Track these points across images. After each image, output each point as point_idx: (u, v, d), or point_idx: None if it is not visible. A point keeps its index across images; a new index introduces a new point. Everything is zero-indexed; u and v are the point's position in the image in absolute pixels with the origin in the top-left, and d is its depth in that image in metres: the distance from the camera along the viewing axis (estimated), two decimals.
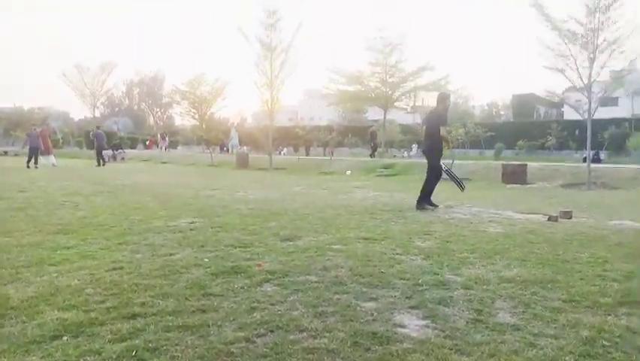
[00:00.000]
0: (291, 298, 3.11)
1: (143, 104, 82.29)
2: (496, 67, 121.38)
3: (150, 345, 2.34)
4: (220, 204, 8.02)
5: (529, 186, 12.97)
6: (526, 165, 14.41)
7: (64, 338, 2.43)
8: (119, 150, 27.81)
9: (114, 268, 3.77)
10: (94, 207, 7.30)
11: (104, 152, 22.37)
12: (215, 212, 6.99)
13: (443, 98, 8.24)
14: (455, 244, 4.92)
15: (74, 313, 2.76)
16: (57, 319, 2.65)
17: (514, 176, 13.62)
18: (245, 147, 37.15)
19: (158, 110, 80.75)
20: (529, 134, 32.93)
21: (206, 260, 4.07)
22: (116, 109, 75.90)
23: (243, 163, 23.09)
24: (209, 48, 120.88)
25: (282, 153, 33.92)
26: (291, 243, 4.88)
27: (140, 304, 2.94)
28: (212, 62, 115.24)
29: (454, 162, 9.82)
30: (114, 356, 2.22)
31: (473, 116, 53.67)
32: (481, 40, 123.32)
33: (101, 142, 22.24)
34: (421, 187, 8.06)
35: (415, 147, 36.29)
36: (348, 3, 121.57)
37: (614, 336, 2.54)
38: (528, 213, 7.29)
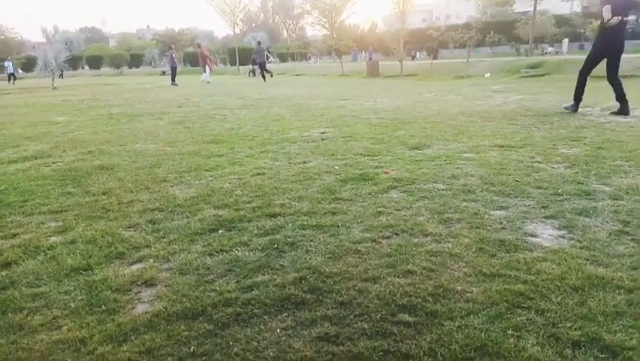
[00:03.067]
0: (417, 204, 3.17)
1: (277, 17, 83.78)
2: None
3: (289, 240, 2.65)
4: (350, 114, 8.15)
5: None
6: None
7: (220, 230, 2.86)
8: (256, 65, 29.22)
9: (257, 174, 4.20)
10: (239, 120, 8.00)
11: (246, 67, 23.73)
12: (345, 122, 7.16)
13: None
14: (608, 151, 4.38)
15: (227, 211, 3.21)
16: (214, 215, 3.12)
17: None
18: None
19: (290, 22, 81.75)
20: None
21: (336, 167, 4.29)
22: (253, 24, 78.65)
23: (373, 71, 22.69)
24: None
25: (414, 57, 32.34)
26: (419, 151, 4.84)
27: (279, 205, 3.28)
28: None
29: None
30: (259, 248, 2.57)
31: None
32: None
33: (262, 58, 22.96)
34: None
35: (565, 41, 31.47)
36: None
37: None
38: None
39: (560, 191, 3.28)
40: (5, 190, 3.89)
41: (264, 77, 22.13)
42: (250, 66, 28.01)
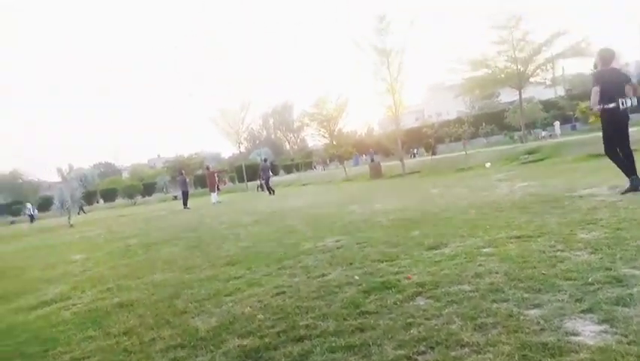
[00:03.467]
0: (446, 310, 3.07)
1: (278, 132, 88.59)
2: None
3: None
4: (361, 218, 8.24)
5: None
6: None
7: None
8: (264, 180, 30.22)
9: (277, 293, 4.13)
10: (252, 236, 8.08)
11: (253, 182, 24.86)
12: (358, 227, 7.21)
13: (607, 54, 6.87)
14: (628, 232, 4.32)
15: (251, 339, 3.11)
16: (238, 346, 3.02)
17: None
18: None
19: (291, 135, 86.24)
20: None
21: (356, 278, 4.23)
22: (257, 141, 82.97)
23: (376, 173, 23.34)
24: (329, 68, 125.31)
25: (414, 155, 33.45)
26: (437, 251, 4.80)
27: (304, 326, 3.19)
28: (333, 81, 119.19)
29: None
30: None
31: (629, 75, 46.19)
32: None
33: (267, 173, 24.15)
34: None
35: (557, 124, 32.65)
36: None
37: None
38: None
39: (590, 280, 3.19)
40: (26, 341, 3.83)
41: (269, 191, 22.96)
42: (258, 181, 29.03)
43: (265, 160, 26.59)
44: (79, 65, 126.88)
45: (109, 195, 50.49)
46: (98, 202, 51.46)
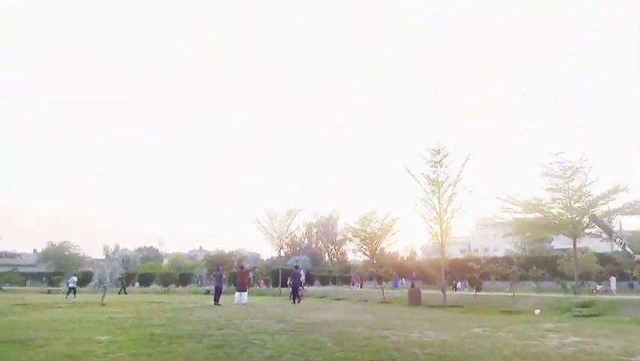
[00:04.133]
0: None
1: (320, 242, 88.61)
2: None
3: None
4: (395, 346, 7.77)
5: None
6: None
7: None
8: (301, 288, 29.64)
9: None
10: (279, 346, 7.75)
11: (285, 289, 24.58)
12: (390, 355, 6.78)
13: None
14: None
15: None
16: None
17: None
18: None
19: (332, 247, 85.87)
20: None
21: None
22: (297, 248, 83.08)
23: (415, 300, 22.37)
24: (378, 186, 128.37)
25: (455, 287, 32.07)
26: None
27: None
28: (380, 199, 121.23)
29: None
30: None
31: None
32: None
33: (296, 280, 24.39)
34: None
35: (613, 279, 30.69)
36: (514, 129, 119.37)
37: None
38: None
39: None
40: None
41: (293, 299, 22.96)
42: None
43: (296, 267, 26.55)
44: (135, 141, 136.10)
45: (146, 279, 50.96)
46: (134, 285, 51.91)
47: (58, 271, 55.43)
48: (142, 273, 52.40)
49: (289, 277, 27.11)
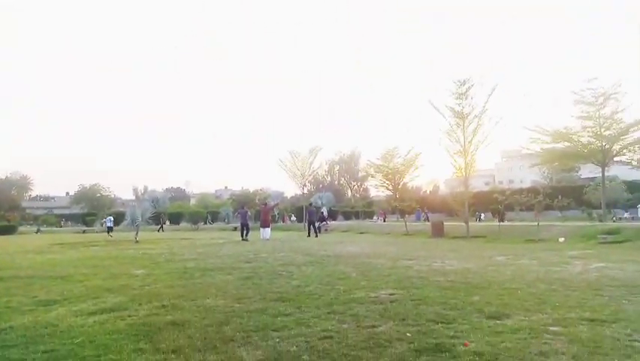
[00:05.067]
0: None
1: (342, 179, 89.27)
2: None
3: None
4: (418, 275, 7.96)
5: None
6: None
7: None
8: (324, 223, 30.32)
9: (325, 337, 4.05)
10: (305, 277, 8.05)
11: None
12: (414, 284, 6.96)
13: None
14: None
15: None
16: None
17: None
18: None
19: (355, 183, 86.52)
20: None
21: (408, 335, 4.06)
22: (320, 185, 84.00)
23: (438, 232, 22.63)
24: (401, 121, 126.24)
25: (479, 219, 32.20)
26: (498, 321, 4.50)
27: None
28: (403, 135, 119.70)
29: None
30: None
31: None
32: None
33: (312, 217, 25.36)
34: None
35: None
36: (543, 56, 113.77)
37: None
38: None
39: None
40: (82, 343, 4.01)
41: (309, 233, 24.16)
42: (317, 224, 29.31)
43: (311, 204, 27.66)
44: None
45: (175, 218, 52.82)
46: (165, 223, 53.97)
47: (92, 212, 57.84)
48: (171, 212, 54.24)
49: (306, 214, 28.44)
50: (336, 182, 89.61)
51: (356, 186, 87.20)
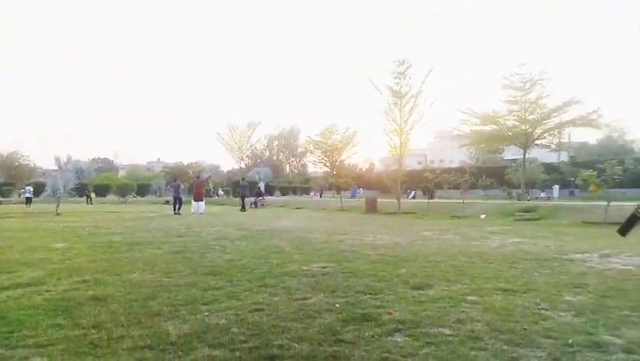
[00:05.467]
0: (423, 351, 3.02)
1: (281, 154, 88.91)
2: None
3: None
4: (350, 249, 8.18)
5: None
6: None
7: None
8: (260, 198, 30.18)
9: (256, 310, 4.06)
10: (238, 251, 7.99)
11: (246, 199, 25.22)
12: (346, 257, 7.15)
13: None
14: (614, 300, 4.29)
15: (222, 351, 3.03)
16: (207, 356, 2.94)
17: None
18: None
19: (293, 159, 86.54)
20: None
21: (337, 305, 4.17)
22: (258, 160, 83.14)
23: (371, 208, 23.30)
24: (341, 100, 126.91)
25: (410, 196, 33.48)
26: (422, 292, 4.75)
27: (277, 346, 3.12)
28: (342, 113, 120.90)
29: None
30: None
31: (633, 151, 47.00)
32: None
33: (245, 191, 25.40)
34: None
35: (556, 187, 32.94)
36: (479, 43, 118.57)
37: None
38: None
39: (570, 342, 3.15)
40: None
41: (242, 208, 24.58)
42: (252, 198, 29.05)
43: (243, 179, 28.41)
44: (82, 64, 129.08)
45: (102, 190, 50.07)
46: (90, 196, 51.06)
47: (8, 181, 53.44)
48: (97, 184, 51.34)
49: (238, 189, 29.07)
50: (274, 157, 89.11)
51: (294, 162, 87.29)
